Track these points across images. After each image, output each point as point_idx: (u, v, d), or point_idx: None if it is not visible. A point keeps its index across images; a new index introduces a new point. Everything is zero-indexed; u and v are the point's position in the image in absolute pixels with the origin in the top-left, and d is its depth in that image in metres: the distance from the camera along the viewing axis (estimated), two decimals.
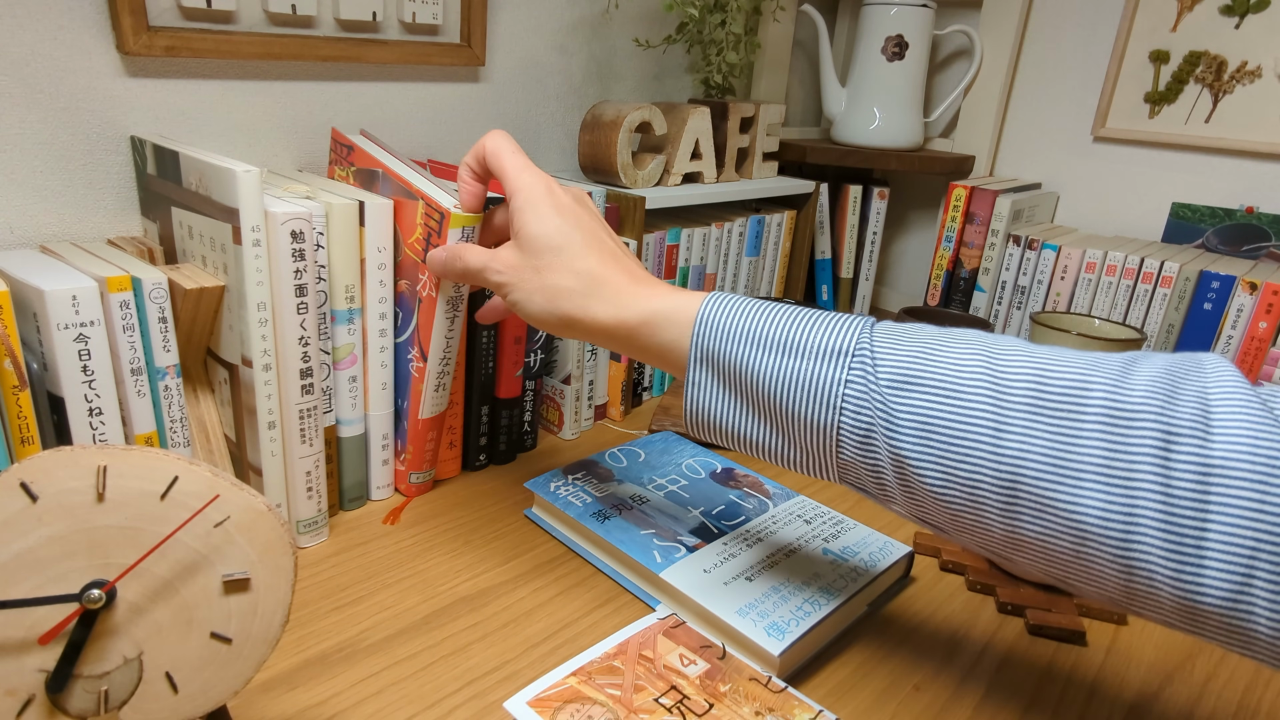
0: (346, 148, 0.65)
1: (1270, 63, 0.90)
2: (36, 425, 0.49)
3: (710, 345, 0.43)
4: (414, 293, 0.61)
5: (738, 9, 0.93)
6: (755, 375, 0.42)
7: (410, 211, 0.60)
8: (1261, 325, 0.81)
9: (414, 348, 0.62)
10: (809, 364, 0.40)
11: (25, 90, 0.59)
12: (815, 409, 0.40)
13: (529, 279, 0.48)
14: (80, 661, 0.32)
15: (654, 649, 0.50)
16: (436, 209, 0.57)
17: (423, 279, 0.60)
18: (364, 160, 0.64)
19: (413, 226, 0.60)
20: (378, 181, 0.62)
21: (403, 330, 0.63)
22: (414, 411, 0.63)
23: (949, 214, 1.01)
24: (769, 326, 0.42)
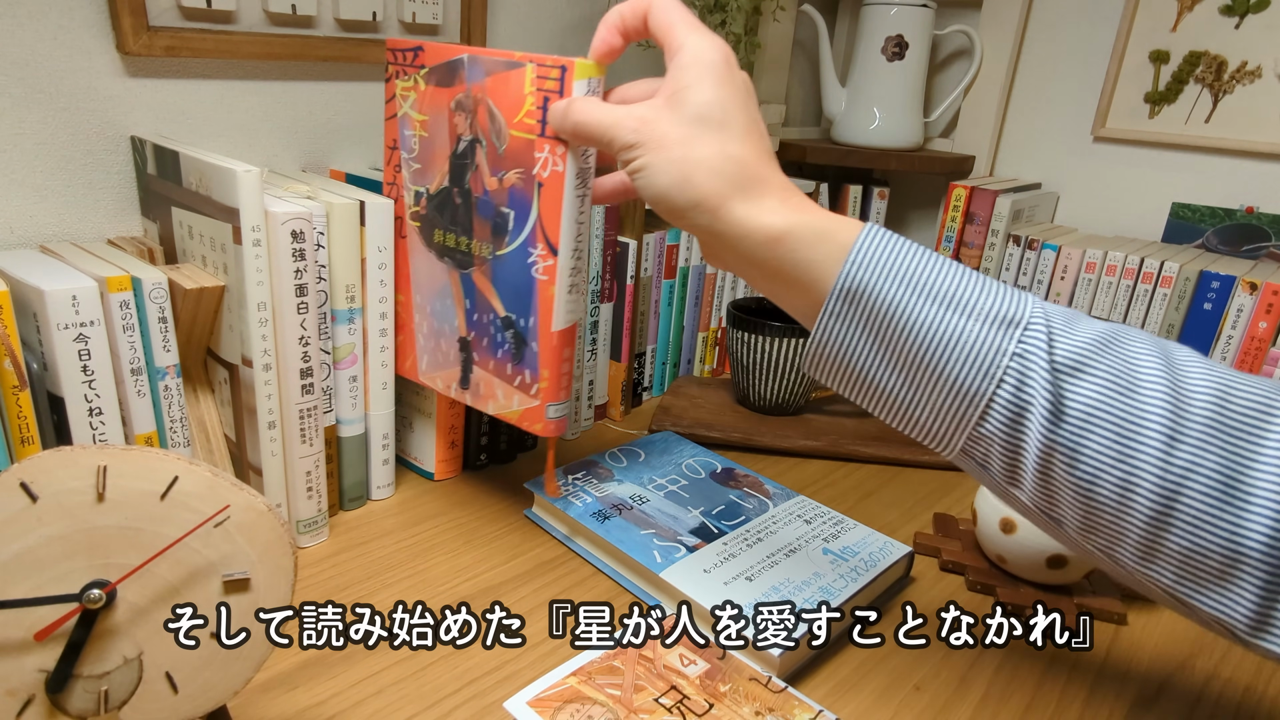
0: (410, 51, 0.55)
1: (1270, 63, 0.90)
2: (36, 425, 0.49)
3: (862, 276, 0.38)
4: (529, 180, 0.51)
5: (738, 9, 0.93)
6: (907, 321, 0.38)
7: (514, 85, 0.50)
8: (1261, 325, 0.81)
9: (537, 245, 0.52)
10: (974, 325, 0.37)
11: (25, 90, 0.59)
12: (970, 373, 0.37)
13: (669, 147, 0.40)
14: (80, 661, 0.32)
15: (654, 649, 0.50)
16: (553, 65, 0.49)
17: (539, 158, 0.50)
18: (437, 55, 0.54)
19: (519, 99, 0.50)
20: (462, 71, 0.53)
21: (518, 230, 0.53)
22: (543, 325, 0.53)
23: (949, 214, 1.01)
24: (934, 274, 0.38)
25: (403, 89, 0.56)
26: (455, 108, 0.54)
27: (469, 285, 0.57)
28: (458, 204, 0.55)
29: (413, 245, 0.59)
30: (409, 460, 0.72)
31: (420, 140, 0.56)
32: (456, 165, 0.55)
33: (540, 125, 0.50)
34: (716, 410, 0.84)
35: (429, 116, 0.55)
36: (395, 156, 0.58)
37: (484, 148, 0.53)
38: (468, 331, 0.58)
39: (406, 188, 0.56)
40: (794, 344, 0.79)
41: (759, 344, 0.80)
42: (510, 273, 0.54)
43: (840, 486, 0.74)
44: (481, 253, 0.55)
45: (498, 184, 0.52)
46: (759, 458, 0.79)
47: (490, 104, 0.52)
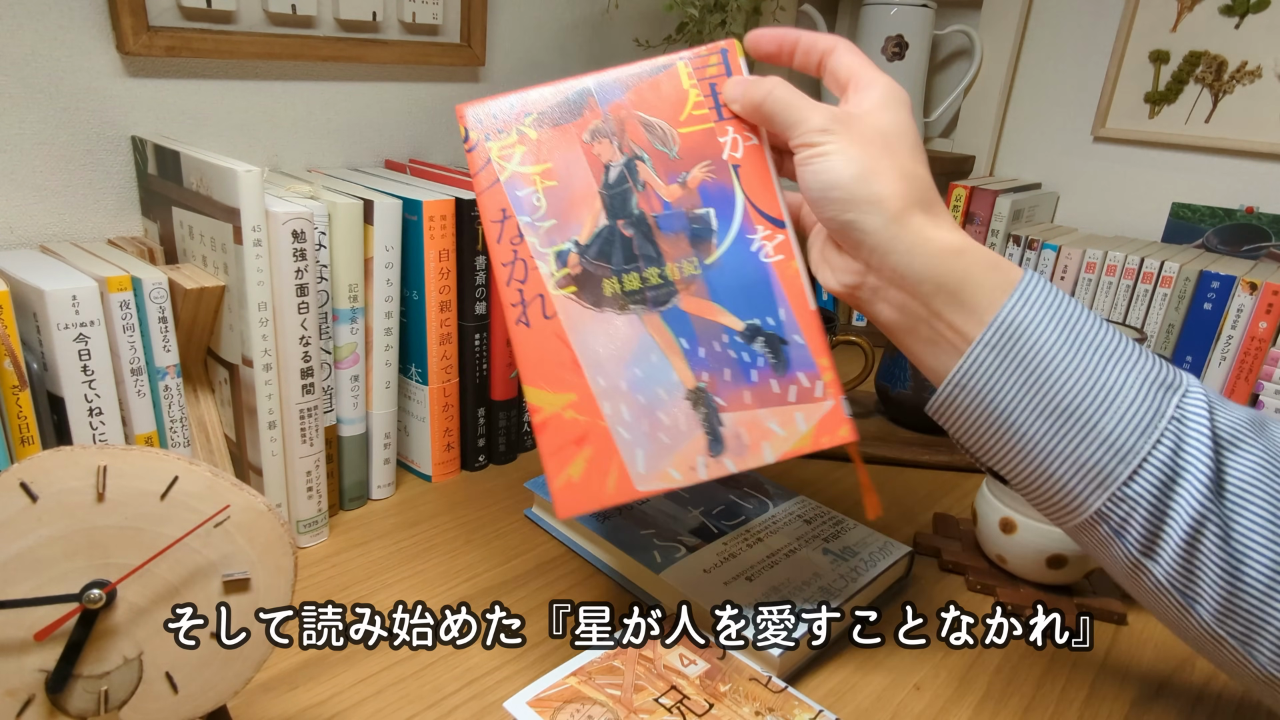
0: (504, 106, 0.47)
1: (1270, 63, 0.90)
2: (36, 425, 0.49)
3: (1027, 313, 0.37)
4: (722, 166, 0.47)
5: (738, 9, 0.93)
6: (1065, 367, 0.36)
7: (667, 87, 0.47)
8: (1261, 325, 0.81)
9: (756, 227, 0.47)
10: (1134, 380, 0.36)
11: (25, 90, 0.59)
12: (1126, 428, 0.36)
13: (859, 144, 0.40)
14: (80, 661, 0.32)
15: (654, 649, 0.50)
16: (710, 51, 0.47)
17: (725, 141, 0.47)
18: (547, 97, 0.47)
19: (680, 97, 0.47)
20: (588, 99, 0.47)
21: (725, 224, 0.47)
22: (799, 309, 0.46)
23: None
24: (1093, 327, 0.37)
25: (501, 149, 0.46)
26: (590, 139, 0.47)
27: (678, 319, 0.46)
28: (628, 236, 0.46)
29: (571, 321, 0.45)
30: (406, 463, 0.72)
31: (547, 192, 0.46)
32: (614, 195, 0.46)
33: (715, 111, 0.47)
34: None
35: (552, 163, 0.46)
36: (511, 226, 0.46)
37: (648, 162, 0.47)
38: (697, 376, 0.45)
39: (539, 255, 0.44)
40: None
41: None
42: (733, 274, 0.46)
43: (840, 486, 0.74)
44: (685, 273, 0.46)
45: (680, 189, 0.47)
46: None
47: (641, 115, 0.47)
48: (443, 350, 0.67)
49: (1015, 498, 0.58)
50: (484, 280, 0.68)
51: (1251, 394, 0.82)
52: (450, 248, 0.65)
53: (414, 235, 0.63)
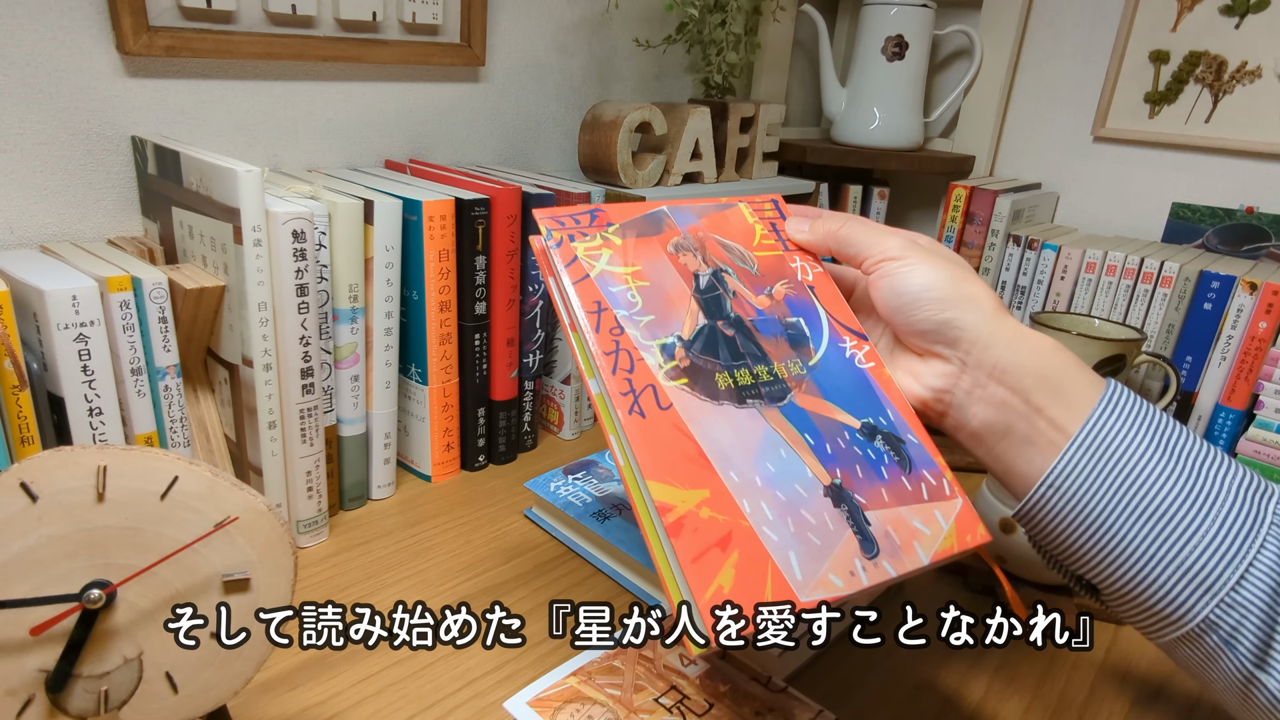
0: (585, 215, 0.47)
1: (1270, 63, 0.90)
2: (36, 425, 0.49)
3: (1115, 419, 0.37)
4: (799, 285, 0.49)
5: (738, 9, 0.93)
6: (1156, 472, 0.36)
7: (735, 221, 0.50)
8: (1261, 325, 0.80)
9: (844, 338, 0.48)
10: (1229, 486, 0.36)
11: (25, 90, 0.59)
12: (1229, 531, 0.35)
13: (932, 260, 0.43)
14: (80, 661, 0.32)
15: (654, 649, 0.50)
16: (764, 200, 0.51)
17: (795, 267, 0.49)
18: (624, 213, 0.48)
19: (748, 230, 0.50)
20: (666, 220, 0.48)
21: (817, 332, 0.47)
22: (905, 410, 0.46)
23: (949, 214, 1.01)
24: (1175, 432, 0.37)
25: (587, 249, 0.45)
26: (675, 250, 0.47)
27: (798, 415, 0.44)
28: (730, 335, 0.46)
29: (689, 412, 0.42)
30: (406, 463, 0.72)
31: (641, 290, 0.45)
32: (707, 299, 0.46)
33: (781, 244, 0.50)
34: None
35: (642, 266, 0.46)
36: (608, 317, 0.44)
37: (733, 275, 0.48)
38: (832, 472, 0.42)
39: (642, 347, 0.43)
40: None
41: None
42: (836, 376, 0.46)
43: None
44: (792, 371, 0.45)
45: (769, 299, 0.48)
46: None
47: (718, 238, 0.49)
48: (443, 350, 0.67)
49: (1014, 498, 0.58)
50: (484, 280, 0.68)
51: (1251, 394, 0.82)
52: (450, 248, 0.65)
53: (414, 235, 0.63)
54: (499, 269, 0.68)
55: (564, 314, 0.44)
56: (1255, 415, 0.81)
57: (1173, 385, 0.80)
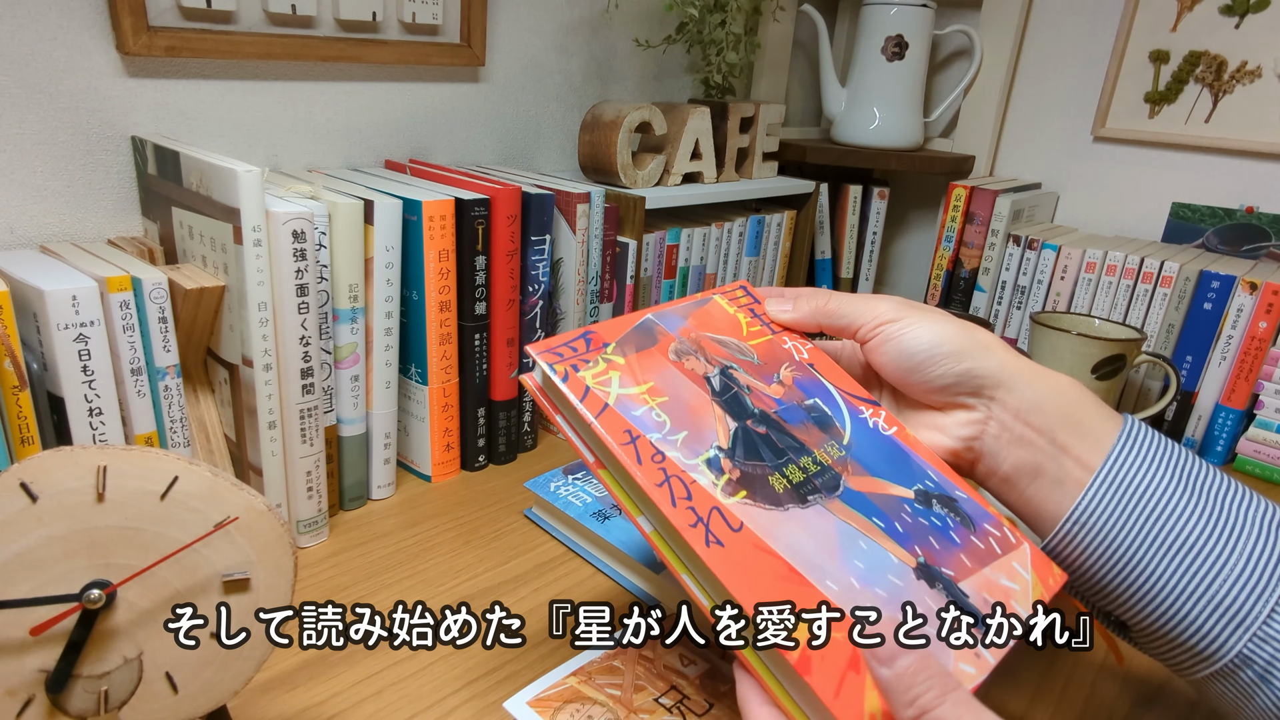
0: (580, 340, 0.44)
1: (1270, 63, 0.90)
2: (36, 425, 0.49)
3: (1135, 453, 0.38)
4: (800, 365, 0.48)
5: (738, 9, 0.93)
6: (1180, 507, 0.36)
7: (716, 314, 0.49)
8: (1261, 325, 0.80)
9: (860, 408, 0.47)
10: (1253, 515, 0.36)
11: (25, 90, 0.59)
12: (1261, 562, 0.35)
13: (930, 316, 0.44)
14: (80, 661, 0.32)
15: (654, 649, 0.50)
16: (734, 288, 0.51)
17: (788, 347, 0.49)
18: (613, 330, 0.45)
19: (733, 321, 0.49)
20: (656, 328, 0.46)
21: (836, 409, 0.46)
22: (940, 466, 0.45)
23: (949, 214, 1.01)
24: (1195, 465, 0.38)
25: (595, 377, 0.43)
26: (677, 357, 0.46)
27: (858, 500, 0.43)
28: (764, 433, 0.44)
29: (763, 527, 0.39)
30: (406, 463, 0.72)
31: (663, 407, 0.42)
32: (727, 401, 0.45)
33: (767, 329, 0.50)
34: None
35: (654, 381, 0.44)
36: (644, 445, 0.41)
37: (739, 369, 0.47)
38: (912, 551, 0.41)
39: (689, 468, 0.40)
40: None
41: None
42: (871, 449, 0.45)
43: None
44: (834, 455, 0.44)
45: (782, 387, 0.47)
46: None
47: (711, 335, 0.48)
48: (443, 350, 0.67)
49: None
50: (484, 280, 0.68)
51: (1251, 394, 0.82)
52: (450, 248, 0.65)
53: (414, 235, 0.63)
54: (499, 269, 0.68)
55: (586, 451, 0.41)
56: (1255, 415, 0.81)
57: (1173, 385, 0.80)
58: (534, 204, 0.70)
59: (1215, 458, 0.85)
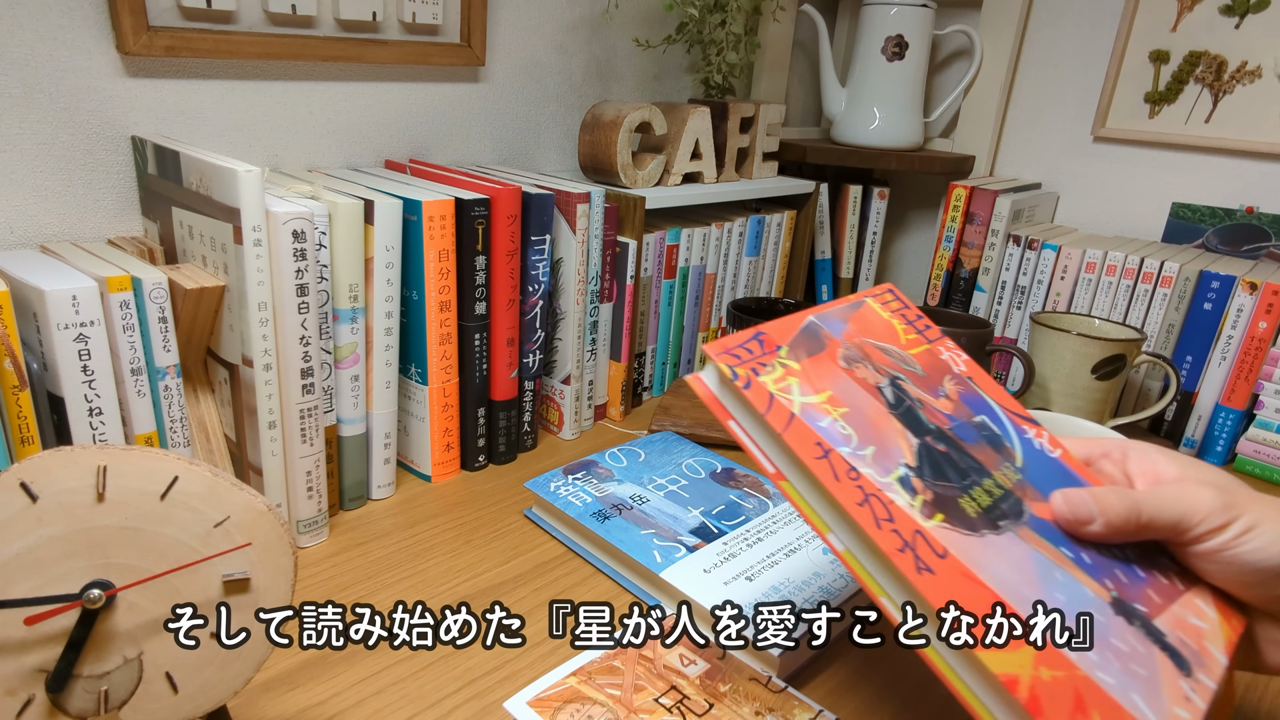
0: (754, 343, 0.41)
1: (1270, 63, 0.90)
2: (36, 425, 0.49)
3: None
4: (960, 379, 0.46)
5: (738, 9, 0.93)
6: None
7: (872, 320, 0.46)
8: (1261, 325, 0.80)
9: (1024, 427, 0.44)
10: None
11: (25, 90, 0.59)
12: None
13: (1255, 501, 0.37)
14: (80, 661, 0.32)
15: (654, 649, 0.50)
16: (883, 290, 0.48)
17: (946, 357, 0.46)
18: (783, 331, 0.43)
19: (889, 327, 0.46)
20: (821, 331, 0.44)
21: (1004, 428, 0.44)
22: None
23: (949, 214, 1.01)
24: None
25: (776, 383, 0.40)
26: (847, 364, 0.43)
27: (1045, 528, 0.40)
28: (944, 451, 0.41)
29: (966, 554, 0.37)
30: (405, 463, 0.72)
31: (846, 419, 0.40)
32: (903, 415, 0.42)
33: (921, 337, 0.47)
34: None
35: (831, 390, 0.41)
36: (838, 461, 0.38)
37: (907, 380, 0.44)
38: (1104, 585, 0.38)
39: (885, 486, 0.37)
40: None
41: None
42: (1043, 473, 0.42)
43: None
44: (1012, 479, 0.41)
45: (950, 402, 0.44)
46: None
47: (873, 341, 0.45)
48: (443, 350, 0.67)
49: None
50: (484, 280, 0.68)
51: (1251, 394, 0.82)
52: (450, 248, 0.65)
53: (414, 235, 0.63)
54: (499, 269, 0.68)
55: (766, 462, 0.39)
56: (1255, 415, 0.81)
57: (1173, 385, 0.80)
58: (534, 204, 0.70)
59: (1215, 458, 0.85)
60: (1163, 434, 0.88)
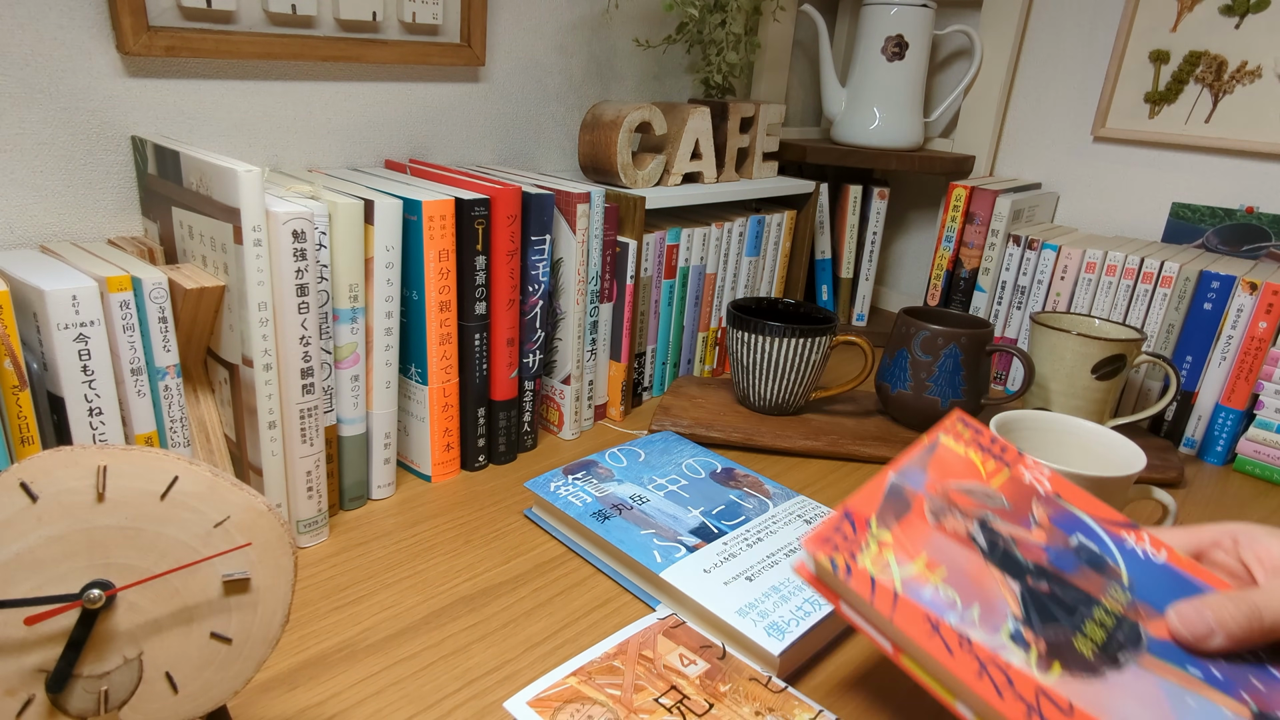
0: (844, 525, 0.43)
1: (1270, 63, 0.90)
2: (36, 425, 0.49)
3: None
4: (1047, 499, 0.46)
5: (738, 9, 0.93)
6: None
7: (949, 459, 0.47)
8: (1261, 325, 0.80)
9: (1124, 535, 0.44)
10: None
11: (25, 90, 0.59)
12: None
13: None
14: (80, 661, 0.32)
15: (654, 649, 0.50)
16: (952, 422, 0.49)
17: (1029, 476, 0.47)
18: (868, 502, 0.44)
19: (968, 463, 0.47)
20: (904, 490, 0.45)
21: (1104, 546, 0.44)
22: (1220, 586, 0.42)
23: (949, 214, 1.01)
24: None
25: (874, 561, 0.41)
26: (934, 519, 0.44)
27: (1167, 650, 0.39)
28: (1049, 590, 0.41)
29: (1094, 704, 0.37)
30: (405, 463, 0.72)
31: (949, 581, 0.41)
32: (1000, 560, 0.43)
33: (999, 461, 0.48)
34: (716, 410, 0.84)
35: (926, 553, 0.42)
36: (949, 634, 0.38)
37: (996, 519, 0.45)
38: (1241, 699, 0.37)
39: (999, 648, 0.38)
40: (794, 344, 0.79)
41: (759, 344, 0.80)
42: (1154, 584, 0.42)
43: (840, 486, 0.74)
44: (1123, 600, 0.41)
45: (1044, 532, 0.44)
46: (759, 458, 0.79)
47: (955, 484, 0.46)
48: (443, 350, 0.67)
49: None
50: (484, 280, 0.68)
51: (1251, 394, 0.82)
52: (450, 248, 0.65)
53: (414, 235, 0.63)
54: (499, 269, 0.68)
55: (882, 640, 0.40)
56: (1255, 415, 0.81)
57: (1173, 385, 0.80)
58: (534, 204, 0.70)
59: (1215, 458, 0.85)
60: (1163, 434, 0.88)
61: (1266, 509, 0.76)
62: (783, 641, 0.49)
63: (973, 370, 0.79)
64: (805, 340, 0.79)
